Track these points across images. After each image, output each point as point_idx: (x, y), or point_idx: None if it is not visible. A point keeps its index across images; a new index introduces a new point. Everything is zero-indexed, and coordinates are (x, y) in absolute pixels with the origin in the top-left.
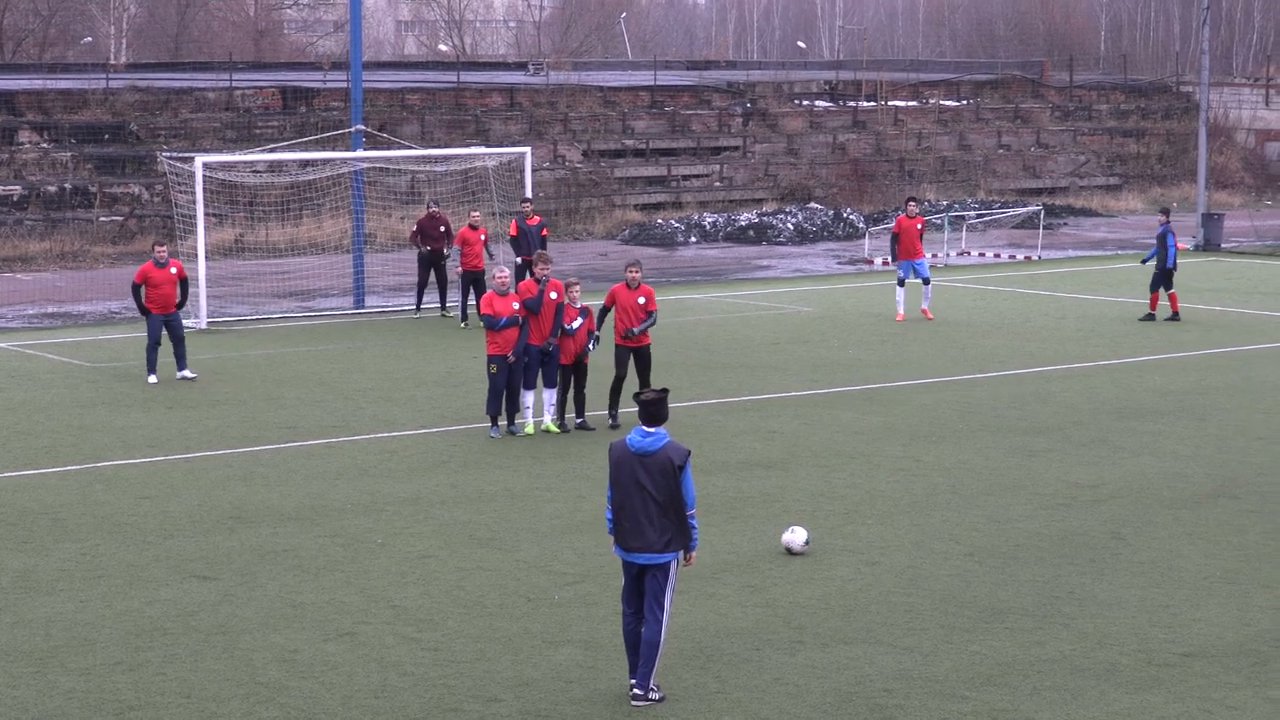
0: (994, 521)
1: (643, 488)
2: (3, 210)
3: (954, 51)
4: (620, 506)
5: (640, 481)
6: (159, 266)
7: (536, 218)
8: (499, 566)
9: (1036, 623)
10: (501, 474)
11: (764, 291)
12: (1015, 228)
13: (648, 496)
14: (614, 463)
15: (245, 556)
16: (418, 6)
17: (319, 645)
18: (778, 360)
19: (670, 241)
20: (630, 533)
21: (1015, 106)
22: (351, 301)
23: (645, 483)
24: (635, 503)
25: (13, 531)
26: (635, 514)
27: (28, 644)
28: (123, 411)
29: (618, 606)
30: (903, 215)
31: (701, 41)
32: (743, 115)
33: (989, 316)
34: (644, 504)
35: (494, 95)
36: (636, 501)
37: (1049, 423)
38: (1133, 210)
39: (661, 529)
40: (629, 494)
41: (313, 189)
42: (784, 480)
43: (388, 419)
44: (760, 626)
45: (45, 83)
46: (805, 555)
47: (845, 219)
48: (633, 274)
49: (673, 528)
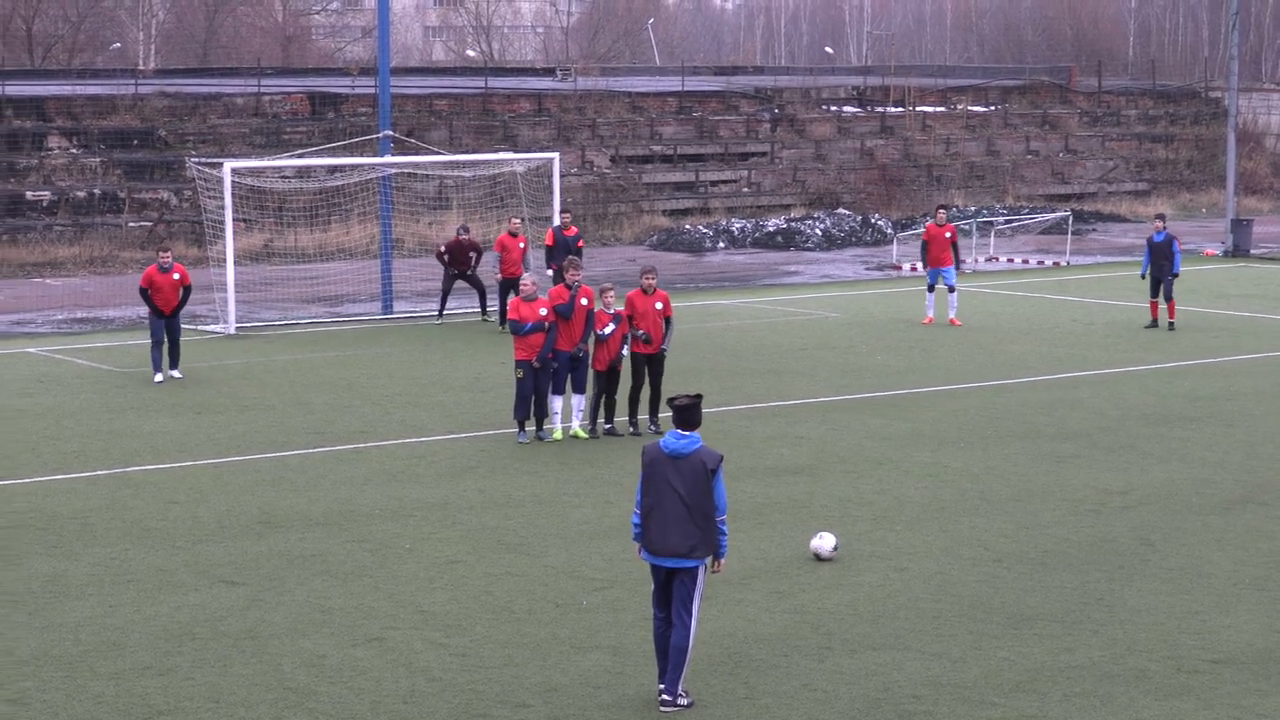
0: (1022, 528)
1: (674, 490)
2: (32, 215)
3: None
4: (650, 509)
5: (672, 484)
6: (163, 271)
7: (574, 229)
8: (527, 572)
9: (1065, 629)
10: (529, 479)
11: (792, 297)
12: (1043, 233)
13: (678, 499)
14: (647, 464)
15: (273, 561)
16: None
17: (347, 650)
18: (805, 366)
19: (698, 247)
20: (659, 536)
21: (1043, 112)
22: (379, 307)
23: (677, 485)
24: (666, 505)
25: (42, 536)
26: (665, 517)
27: (57, 648)
28: (151, 416)
29: (646, 612)
30: (931, 223)
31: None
32: (770, 121)
33: (1017, 322)
34: (674, 507)
35: (522, 101)
36: (667, 504)
37: (1077, 429)
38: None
39: (689, 534)
40: (661, 496)
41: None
42: (812, 486)
43: (416, 424)
44: (788, 632)
45: (74, 88)
46: (833, 561)
47: (873, 225)
48: (648, 280)
49: (700, 533)
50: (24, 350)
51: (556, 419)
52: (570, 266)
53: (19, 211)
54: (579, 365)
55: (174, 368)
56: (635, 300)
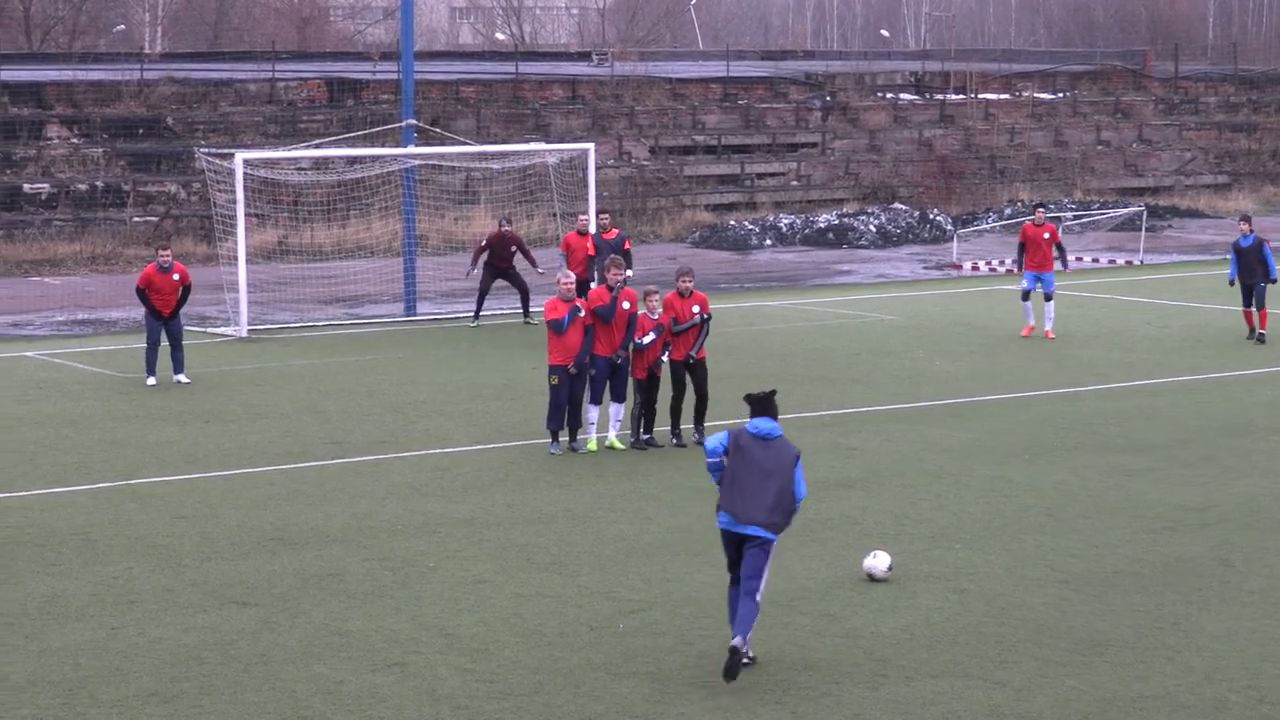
0: (1092, 546)
1: (760, 466)
2: (30, 210)
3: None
4: (735, 475)
5: (758, 460)
6: (162, 271)
7: (615, 230)
8: (559, 593)
9: (1138, 656)
10: (562, 493)
11: (844, 299)
12: (1114, 230)
13: (764, 474)
14: (733, 441)
15: (288, 581)
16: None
17: (366, 676)
18: (859, 372)
19: (743, 245)
20: (741, 503)
21: (1115, 99)
22: (402, 308)
23: (763, 461)
24: (752, 477)
25: (40, 553)
26: (748, 488)
27: (56, 674)
28: (157, 425)
29: (685, 636)
30: (1029, 223)
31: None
32: (821, 109)
33: (1086, 326)
34: (760, 481)
35: (555, 87)
36: (753, 477)
37: (1152, 440)
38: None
39: (769, 507)
40: (747, 468)
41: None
42: (865, 501)
43: (441, 434)
44: (840, 658)
45: (75, 74)
46: (888, 582)
47: (931, 220)
48: (685, 283)
49: (780, 511)
50: (21, 354)
51: (592, 429)
52: (612, 266)
53: (16, 205)
54: (618, 372)
55: (179, 372)
56: (672, 303)
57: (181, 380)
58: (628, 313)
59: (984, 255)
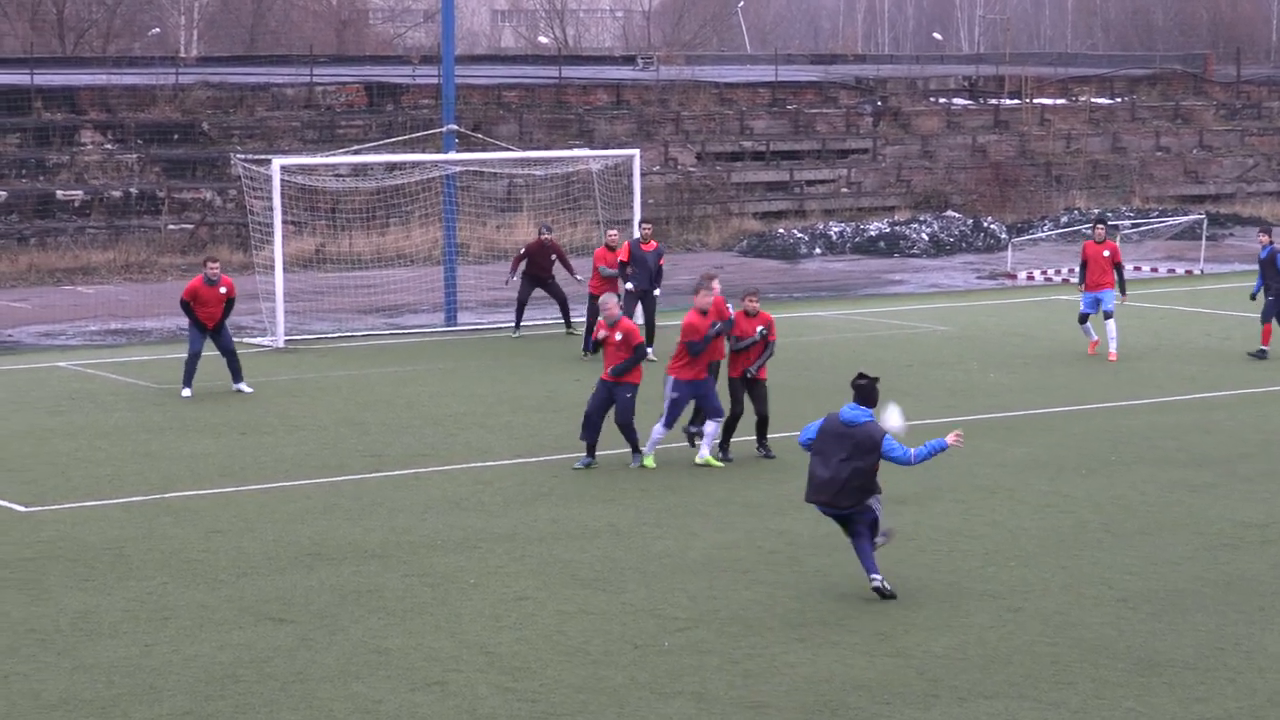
0: (1151, 564)
1: (840, 448)
2: (64, 217)
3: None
4: (816, 453)
5: (840, 442)
6: (209, 284)
7: (654, 243)
8: (603, 610)
9: (1199, 677)
10: (606, 508)
11: (895, 309)
12: (1174, 239)
13: (842, 458)
14: (824, 424)
15: (325, 597)
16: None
17: (405, 695)
18: (911, 385)
19: (792, 253)
20: (818, 486)
21: (1175, 104)
22: (442, 318)
23: (845, 445)
24: (831, 460)
25: (73, 568)
26: (824, 471)
27: (88, 691)
28: (192, 437)
29: (731, 654)
30: (1089, 240)
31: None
32: (873, 114)
33: (1145, 337)
34: (836, 464)
35: (599, 92)
36: (832, 459)
37: (1213, 455)
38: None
39: (847, 493)
40: (828, 448)
41: (400, 195)
42: (918, 516)
43: (482, 447)
44: (890, 678)
45: (109, 78)
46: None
47: (986, 229)
48: (751, 302)
49: (856, 491)
50: (54, 364)
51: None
52: (710, 280)
53: (49, 212)
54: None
55: (239, 382)
56: (739, 321)
57: (243, 389)
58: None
59: (1039, 264)
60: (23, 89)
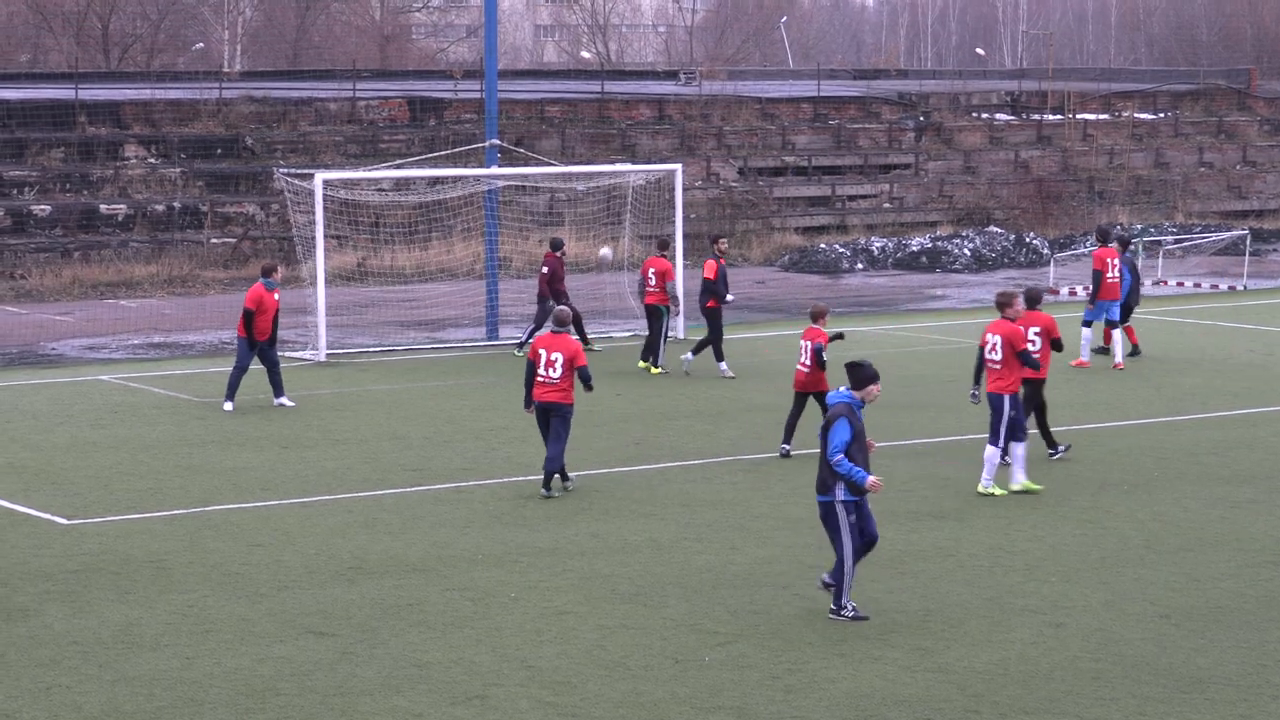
0: (1193, 580)
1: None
2: (107, 231)
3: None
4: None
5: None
6: (270, 289)
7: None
8: (643, 624)
9: (1241, 694)
10: (646, 523)
11: (937, 324)
12: (1217, 254)
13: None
14: None
15: (366, 611)
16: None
17: (446, 709)
18: (952, 400)
19: (834, 268)
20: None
21: (1219, 119)
22: (484, 332)
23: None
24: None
25: (115, 581)
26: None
27: (129, 704)
28: (234, 451)
29: (772, 670)
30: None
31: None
32: (915, 129)
33: (1188, 353)
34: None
35: (641, 107)
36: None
37: (1256, 471)
38: None
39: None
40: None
41: (442, 209)
42: (958, 532)
43: (523, 461)
44: (931, 694)
45: (153, 93)
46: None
47: (1028, 244)
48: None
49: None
50: (97, 378)
51: (1016, 474)
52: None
53: (93, 226)
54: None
55: (280, 395)
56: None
57: (285, 404)
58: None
59: (1082, 280)
60: (68, 104)
